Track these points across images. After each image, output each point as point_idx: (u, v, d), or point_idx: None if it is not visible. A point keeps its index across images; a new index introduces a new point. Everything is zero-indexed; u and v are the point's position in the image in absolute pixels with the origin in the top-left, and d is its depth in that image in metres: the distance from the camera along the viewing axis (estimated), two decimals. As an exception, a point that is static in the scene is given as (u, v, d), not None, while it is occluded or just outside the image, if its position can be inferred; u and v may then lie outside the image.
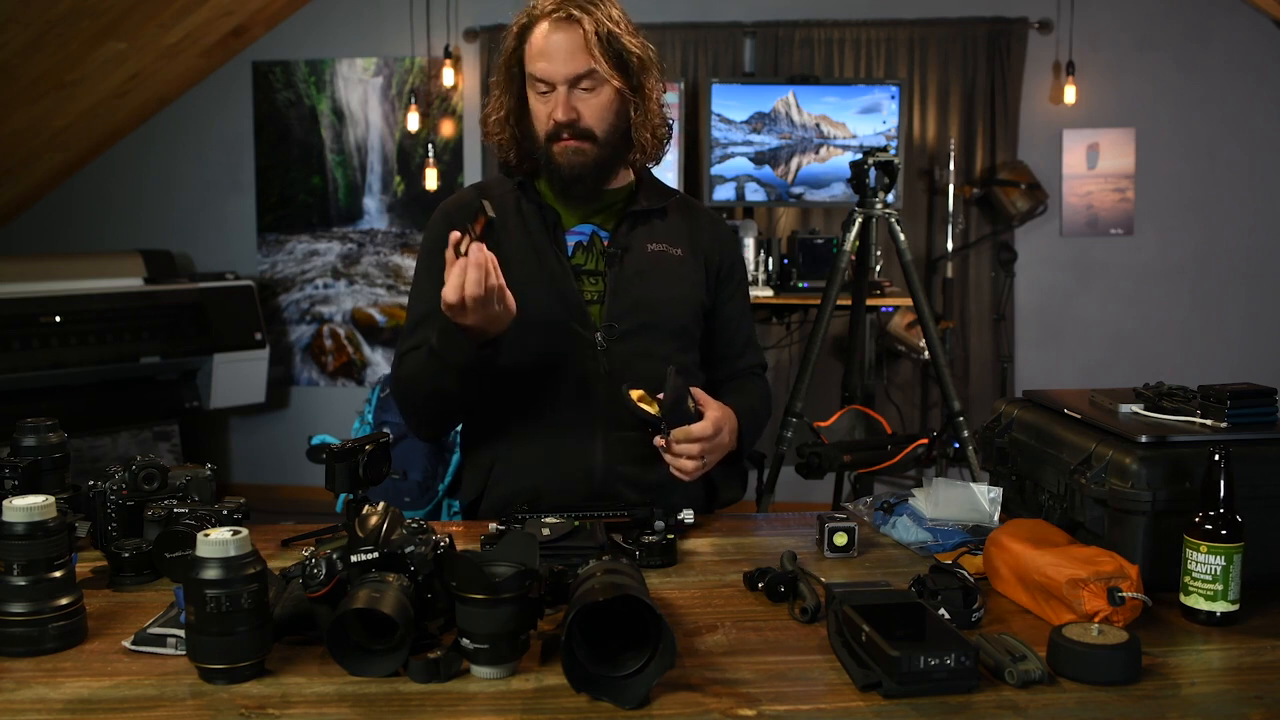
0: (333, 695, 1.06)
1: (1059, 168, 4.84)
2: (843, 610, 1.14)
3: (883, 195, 3.22)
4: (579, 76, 1.68)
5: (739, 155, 4.53)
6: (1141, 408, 1.46)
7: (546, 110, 1.71)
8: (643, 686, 1.05)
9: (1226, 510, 1.21)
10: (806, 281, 4.25)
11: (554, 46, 1.68)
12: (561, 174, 1.74)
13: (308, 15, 5.03)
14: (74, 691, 1.07)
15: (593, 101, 1.71)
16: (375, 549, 1.16)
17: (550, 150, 1.73)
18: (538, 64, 1.69)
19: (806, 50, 4.79)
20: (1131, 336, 4.91)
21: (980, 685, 1.05)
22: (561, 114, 1.69)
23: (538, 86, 1.71)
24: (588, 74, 1.69)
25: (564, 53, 1.67)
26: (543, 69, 1.69)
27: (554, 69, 1.68)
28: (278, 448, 5.20)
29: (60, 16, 3.82)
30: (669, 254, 1.80)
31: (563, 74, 1.68)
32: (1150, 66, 4.78)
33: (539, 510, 1.54)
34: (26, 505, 1.17)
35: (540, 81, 1.70)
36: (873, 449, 3.02)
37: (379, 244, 5.12)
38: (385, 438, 1.50)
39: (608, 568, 1.14)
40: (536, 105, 1.73)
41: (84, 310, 4.33)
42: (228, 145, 5.13)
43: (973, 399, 4.73)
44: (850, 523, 1.51)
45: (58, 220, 5.18)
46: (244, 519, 1.44)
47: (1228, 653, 1.17)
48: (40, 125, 4.55)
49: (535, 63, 1.70)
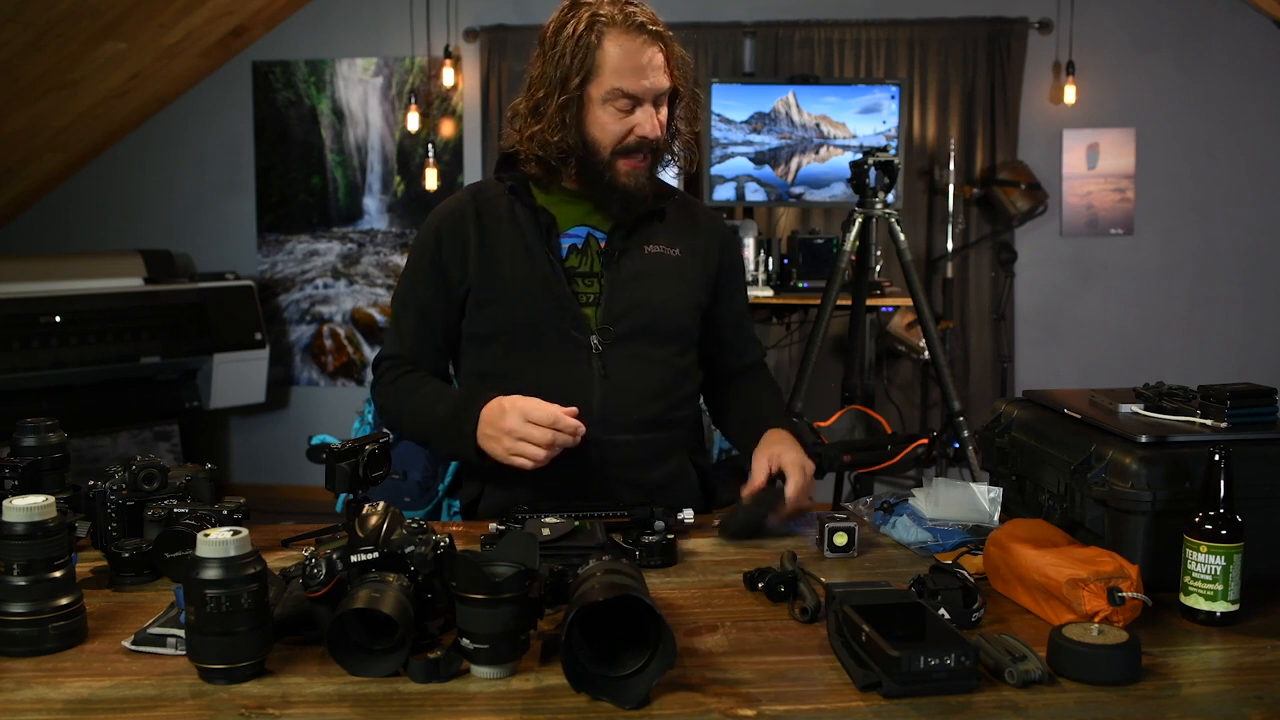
0: (333, 695, 1.06)
1: (1059, 168, 4.84)
2: (843, 610, 1.14)
3: (883, 195, 3.22)
4: (662, 94, 1.70)
5: (739, 155, 4.52)
6: (1141, 408, 1.46)
7: (625, 126, 1.69)
8: (643, 686, 1.05)
9: (1226, 510, 1.21)
10: (806, 281, 4.25)
11: (644, 62, 1.67)
12: (626, 192, 1.72)
13: (308, 15, 5.03)
14: (74, 691, 1.07)
15: (660, 117, 1.72)
16: (375, 549, 1.16)
17: (615, 165, 1.71)
18: (625, 80, 1.66)
19: (806, 50, 4.79)
20: (1131, 336, 4.91)
21: (980, 685, 1.05)
22: (655, 131, 1.69)
23: (620, 101, 1.68)
24: (669, 92, 1.71)
25: (654, 69, 1.67)
26: (633, 85, 1.67)
27: (646, 85, 1.67)
28: (278, 448, 5.20)
29: (60, 16, 3.82)
30: (667, 255, 1.79)
31: (654, 91, 1.68)
32: (1150, 66, 4.78)
33: (539, 510, 1.54)
34: (26, 505, 1.16)
35: (627, 96, 1.67)
36: (873, 449, 3.02)
37: (379, 244, 5.13)
38: (385, 438, 1.50)
39: (608, 568, 1.14)
40: (609, 119, 1.69)
41: (84, 310, 4.33)
42: (228, 145, 5.13)
43: (973, 399, 4.73)
44: (850, 523, 1.51)
45: (58, 220, 5.18)
46: (244, 519, 1.44)
47: (1228, 653, 1.17)
48: (40, 125, 4.55)
49: (621, 79, 1.66)
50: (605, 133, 1.70)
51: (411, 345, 1.82)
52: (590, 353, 1.72)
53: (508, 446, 1.58)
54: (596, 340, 1.72)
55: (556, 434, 1.55)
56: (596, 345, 1.72)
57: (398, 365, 1.81)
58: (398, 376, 1.80)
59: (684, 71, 1.74)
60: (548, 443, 1.54)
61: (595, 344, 1.72)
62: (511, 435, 1.56)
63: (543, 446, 1.55)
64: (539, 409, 1.56)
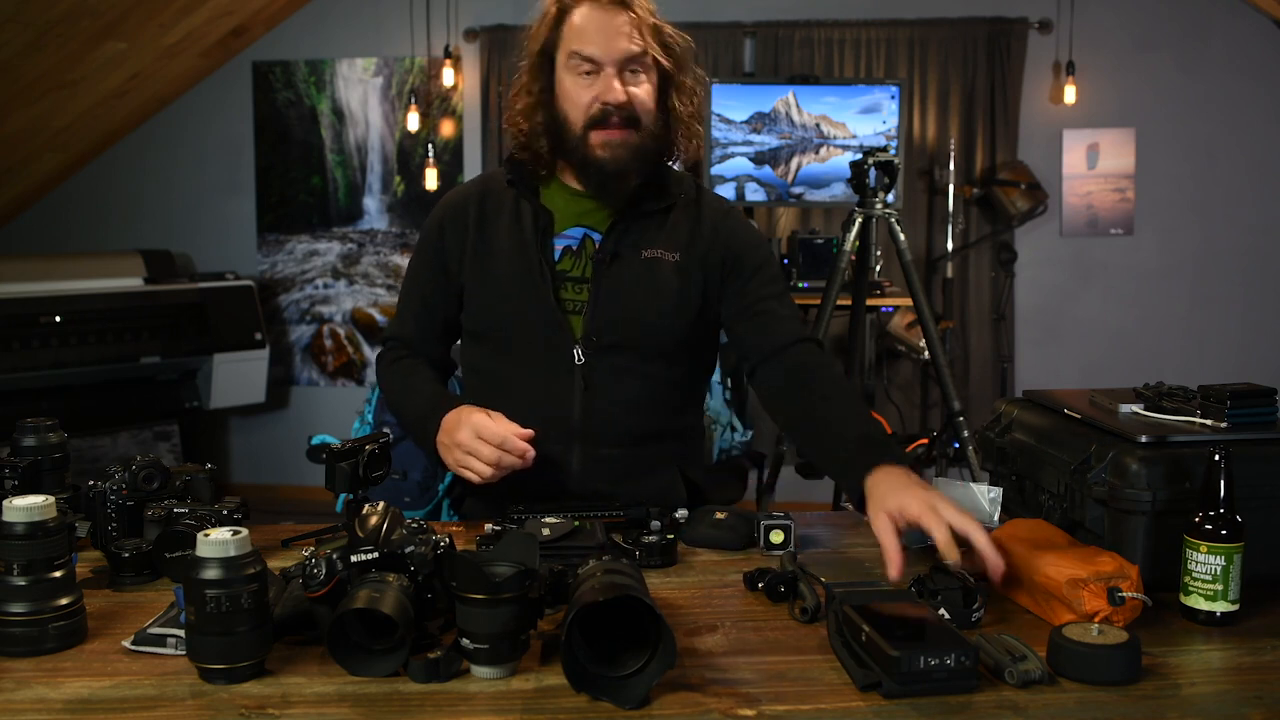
0: (333, 695, 1.06)
1: (1059, 168, 4.84)
2: (843, 610, 1.14)
3: (883, 195, 3.22)
4: (630, 58, 1.61)
5: (739, 155, 4.52)
6: (1141, 408, 1.46)
7: (591, 93, 1.62)
8: (643, 686, 1.04)
9: (1226, 510, 1.21)
10: (806, 281, 4.24)
11: (604, 25, 1.61)
12: (601, 167, 1.65)
13: (308, 15, 5.03)
14: (74, 691, 1.07)
15: (640, 88, 1.63)
16: (375, 549, 1.16)
17: (587, 139, 1.64)
18: (585, 43, 1.61)
19: (806, 50, 4.79)
20: (1131, 336, 4.91)
21: (980, 685, 1.05)
22: (613, 95, 1.60)
23: (581, 68, 1.62)
24: (640, 55, 1.62)
25: (615, 32, 1.60)
26: (591, 49, 1.61)
27: (604, 48, 1.60)
28: (278, 448, 5.20)
29: (60, 16, 3.82)
30: (664, 260, 1.70)
31: (614, 53, 1.61)
32: (1150, 66, 4.78)
33: (536, 510, 1.53)
34: (26, 505, 1.16)
35: (586, 61, 1.61)
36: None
37: (379, 244, 5.12)
38: (385, 438, 1.50)
39: (608, 568, 1.14)
40: (576, 89, 1.64)
41: (84, 310, 4.33)
42: (228, 145, 5.13)
43: (973, 399, 4.73)
44: (786, 520, 1.50)
45: (58, 220, 5.18)
46: (244, 519, 1.44)
47: (1228, 653, 1.17)
48: (40, 125, 4.55)
49: (581, 42, 1.61)
50: (573, 104, 1.65)
51: (412, 330, 1.82)
52: (572, 364, 1.67)
53: (457, 459, 1.57)
54: (579, 351, 1.67)
55: (503, 454, 1.52)
56: (579, 357, 1.67)
57: (396, 349, 1.83)
58: (395, 360, 1.81)
59: (667, 44, 1.66)
60: (494, 461, 1.52)
61: (578, 355, 1.67)
62: (461, 449, 1.55)
63: (489, 464, 1.53)
64: (489, 427, 1.53)
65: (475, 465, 1.54)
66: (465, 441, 1.54)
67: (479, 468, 1.54)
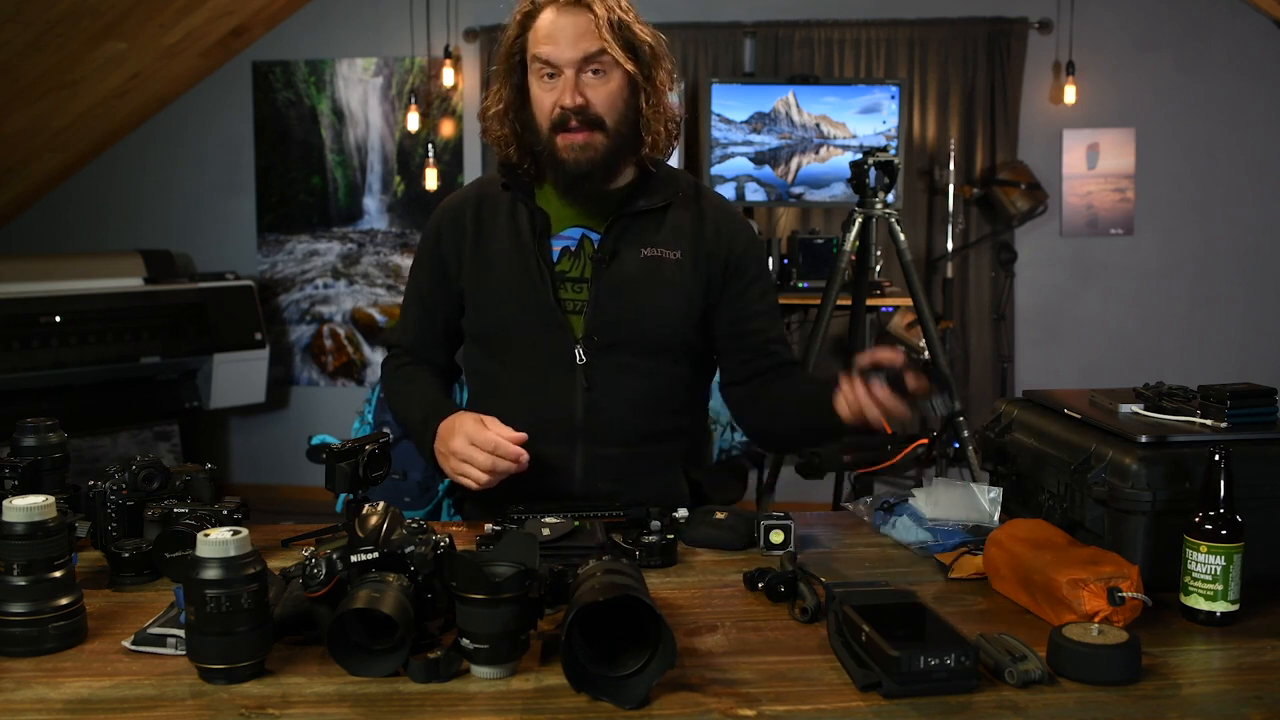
0: (333, 695, 1.06)
1: (1059, 168, 4.84)
2: (843, 610, 1.14)
3: (883, 195, 3.22)
4: (588, 58, 1.60)
5: (739, 155, 4.52)
6: (1141, 408, 1.46)
7: (552, 98, 1.62)
8: (643, 686, 1.05)
9: (1226, 510, 1.21)
10: (806, 281, 4.25)
11: (562, 29, 1.60)
12: (566, 169, 1.64)
13: (308, 15, 5.03)
14: (74, 691, 1.07)
15: (602, 89, 1.62)
16: (375, 549, 1.16)
17: (554, 143, 1.64)
18: (543, 47, 1.61)
19: (806, 50, 4.79)
20: (1131, 336, 4.91)
21: (980, 685, 1.05)
22: (569, 98, 1.60)
23: (542, 71, 1.62)
24: (597, 55, 1.60)
25: (572, 34, 1.59)
26: (549, 51, 1.61)
27: (561, 51, 1.60)
28: (278, 448, 5.20)
29: (60, 16, 3.82)
30: (664, 259, 1.70)
31: (570, 56, 1.60)
32: (1150, 66, 4.78)
33: (536, 510, 1.53)
34: (26, 505, 1.16)
35: (546, 64, 1.61)
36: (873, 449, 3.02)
37: (379, 244, 5.12)
38: (385, 438, 1.50)
39: (608, 568, 1.14)
40: (540, 94, 1.64)
41: (84, 310, 4.32)
42: (228, 145, 5.12)
43: (973, 399, 4.73)
44: (786, 520, 1.50)
45: (58, 220, 5.18)
46: (244, 519, 1.44)
47: (1228, 653, 1.17)
48: (40, 125, 4.55)
49: (540, 46, 1.61)
50: (539, 109, 1.65)
51: (415, 337, 1.83)
52: (574, 363, 1.67)
53: (453, 466, 1.58)
54: (580, 351, 1.67)
55: (497, 460, 1.52)
56: (580, 356, 1.67)
57: (399, 356, 1.85)
58: (398, 368, 1.83)
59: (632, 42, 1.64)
60: (488, 468, 1.53)
61: (579, 355, 1.67)
62: (456, 456, 1.56)
63: (484, 471, 1.54)
64: (482, 434, 1.53)
65: (470, 472, 1.55)
66: (459, 449, 1.55)
67: (474, 474, 1.54)
